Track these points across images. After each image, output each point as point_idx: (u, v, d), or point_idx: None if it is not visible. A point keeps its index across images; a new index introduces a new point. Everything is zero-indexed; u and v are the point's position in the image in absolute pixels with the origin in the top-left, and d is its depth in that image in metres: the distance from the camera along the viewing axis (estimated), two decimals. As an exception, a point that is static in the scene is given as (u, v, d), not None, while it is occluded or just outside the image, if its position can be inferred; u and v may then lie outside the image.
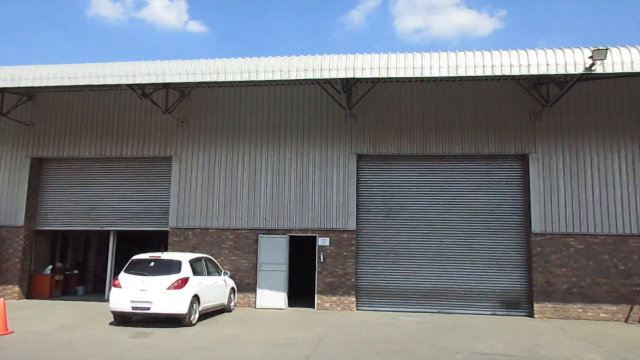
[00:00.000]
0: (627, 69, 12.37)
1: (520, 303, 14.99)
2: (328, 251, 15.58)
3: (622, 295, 14.35)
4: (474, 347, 10.15)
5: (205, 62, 14.13)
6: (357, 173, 15.98)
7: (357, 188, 15.86)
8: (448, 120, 15.74)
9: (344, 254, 15.50)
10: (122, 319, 12.14)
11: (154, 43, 54.21)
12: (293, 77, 13.66)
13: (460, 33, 53.26)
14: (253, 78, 13.82)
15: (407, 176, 15.98)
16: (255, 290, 15.68)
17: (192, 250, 15.65)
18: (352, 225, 15.59)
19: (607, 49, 12.08)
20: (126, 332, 10.94)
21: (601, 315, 14.33)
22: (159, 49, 53.18)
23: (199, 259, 13.33)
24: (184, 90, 16.44)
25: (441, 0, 53.48)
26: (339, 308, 15.30)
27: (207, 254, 14.87)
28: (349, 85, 15.11)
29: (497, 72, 12.91)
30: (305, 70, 13.49)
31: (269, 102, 16.56)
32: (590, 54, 12.22)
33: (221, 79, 13.97)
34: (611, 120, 15.07)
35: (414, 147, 15.74)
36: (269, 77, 13.68)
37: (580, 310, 14.41)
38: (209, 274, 13.46)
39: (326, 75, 13.44)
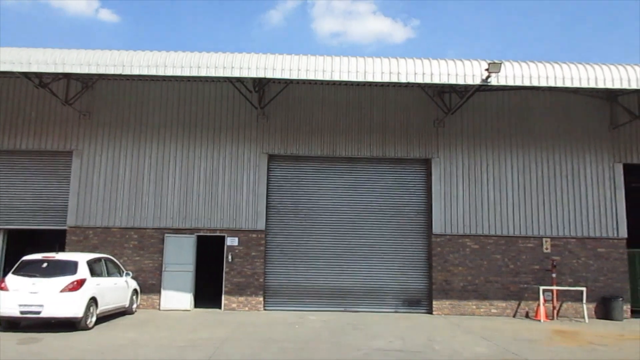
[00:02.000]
0: (519, 82, 13.37)
1: (421, 301, 15.71)
2: (237, 251, 15.45)
3: (511, 292, 15.47)
4: (374, 343, 10.51)
5: (110, 54, 13.50)
6: (268, 173, 15.99)
7: (267, 188, 15.86)
8: (357, 123, 16.16)
9: (253, 254, 15.44)
10: (10, 325, 11.29)
11: (62, 31, 50.96)
12: (203, 73, 13.41)
13: (377, 39, 54.87)
14: (161, 73, 13.40)
15: (317, 177, 16.22)
16: (159, 292, 15.20)
17: (92, 251, 14.87)
18: (261, 225, 15.56)
19: (501, 63, 12.98)
20: (14, 339, 10.19)
21: (493, 311, 15.36)
22: (67, 37, 50.07)
23: (98, 260, 12.70)
24: (87, 81, 15.61)
25: (358, 7, 54.85)
26: (247, 308, 15.22)
27: (109, 254, 14.20)
28: (261, 84, 15.09)
29: (403, 80, 13.45)
30: (216, 67, 13.30)
31: (179, 98, 16.13)
32: (486, 67, 13.06)
33: (127, 72, 13.41)
34: (504, 129, 16.19)
35: (324, 148, 16.01)
36: (178, 72, 13.33)
37: (474, 306, 15.36)
38: (109, 275, 12.87)
39: (237, 73, 13.34)
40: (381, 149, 16.06)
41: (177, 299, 15.19)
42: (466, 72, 13.22)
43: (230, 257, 15.39)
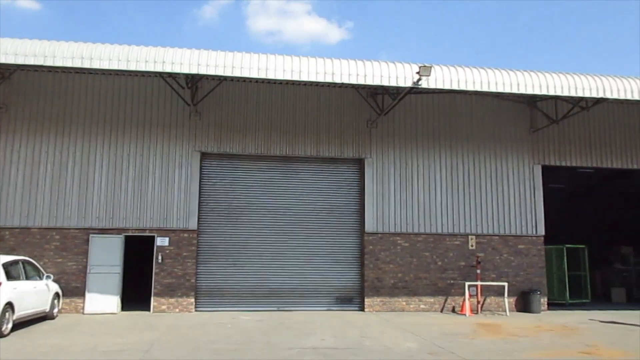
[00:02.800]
0: (447, 85, 13.87)
1: (353, 298, 15.96)
2: (167, 251, 15.02)
3: (439, 288, 16.05)
4: (307, 342, 10.55)
5: (31, 43, 12.71)
6: (201, 171, 15.67)
7: (200, 187, 15.54)
8: (292, 122, 16.17)
9: (184, 254, 15.07)
10: None
11: (-27, 16, 47.41)
12: (133, 67, 12.92)
13: (311, 40, 55.16)
14: (87, 65, 12.77)
15: (251, 176, 16.09)
16: (84, 295, 14.50)
17: (8, 253, 13.94)
18: (193, 224, 15.22)
19: (431, 67, 13.41)
20: None
21: (421, 306, 15.87)
22: (-21, 23, 46.64)
23: (15, 262, 11.91)
24: (3, 72, 14.61)
25: (293, 6, 54.87)
26: (177, 310, 14.84)
27: (27, 256, 13.37)
28: (194, 81, 14.75)
29: (338, 80, 13.60)
30: (147, 61, 12.85)
31: (106, 92, 15.47)
32: (418, 70, 13.45)
33: (49, 63, 12.68)
34: (434, 131, 16.75)
35: (259, 147, 15.89)
36: (105, 65, 12.76)
37: (404, 303, 15.80)
38: (27, 278, 12.10)
39: (169, 68, 12.95)
40: (315, 148, 16.15)
41: (103, 302, 14.56)
42: (398, 74, 13.56)
43: (160, 257, 14.94)
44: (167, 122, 15.56)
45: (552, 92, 14.17)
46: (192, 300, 14.97)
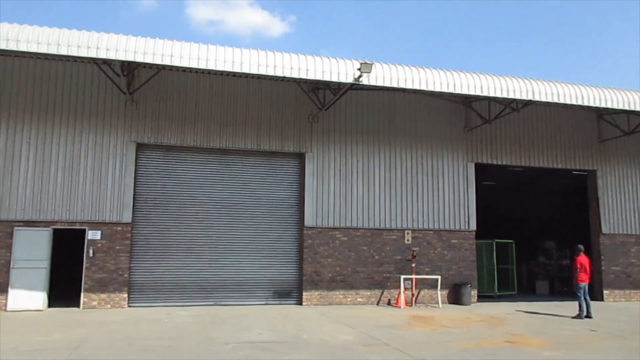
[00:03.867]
0: (388, 83, 14.12)
1: (291, 292, 16.00)
2: (99, 245, 14.45)
3: (375, 281, 16.37)
4: (244, 336, 10.48)
5: (-51, 21, 11.80)
6: (136, 163, 15.16)
7: (135, 178, 15.04)
8: (233, 115, 15.94)
9: (117, 248, 14.55)
10: None
11: None
12: (64, 52, 12.25)
13: (253, 32, 54.55)
14: (13, 47, 11.99)
15: (189, 168, 15.74)
16: (6, 291, 13.69)
17: None
18: (127, 217, 14.72)
19: (372, 64, 13.61)
20: None
21: (359, 300, 16.13)
22: None
23: None
24: None
25: (236, -3, 53.97)
26: (109, 306, 14.32)
27: (-57, 250, 12.47)
28: (130, 69, 14.23)
29: (280, 73, 13.51)
30: (79, 46, 12.24)
31: (34, 77, 14.63)
32: (359, 67, 13.60)
33: (-31, 44, 11.82)
34: (374, 127, 17.02)
35: (198, 139, 15.56)
36: (34, 48, 12.05)
37: (341, 296, 16.01)
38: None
39: (104, 55, 12.40)
40: (256, 141, 16.02)
41: (28, 298, 13.81)
42: (340, 70, 13.65)
43: (91, 251, 14.35)
44: (100, 110, 14.93)
45: (485, 93, 14.73)
46: (125, 295, 14.50)
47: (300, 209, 16.26)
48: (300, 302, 15.80)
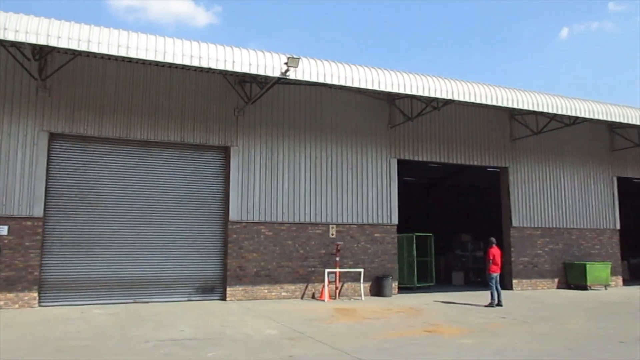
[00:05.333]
0: (315, 78, 14.19)
1: (215, 288, 15.75)
2: (6, 241, 13.48)
3: (300, 275, 16.49)
4: (165, 334, 10.21)
5: None
6: (49, 153, 14.27)
7: (47, 170, 14.16)
8: (155, 106, 15.40)
9: (27, 244, 13.65)
10: None
11: None
12: (-34, 32, 11.28)
13: (177, 21, 52.88)
14: None
15: (108, 160, 15.04)
16: None
17: None
18: (39, 211, 13.84)
19: (299, 59, 13.62)
20: None
21: (283, 294, 16.18)
22: None
23: None
24: None
25: (160, -17, 52.09)
26: (17, 306, 13.41)
27: None
28: (42, 53, 13.33)
29: (205, 65, 13.18)
30: (-17, 27, 11.30)
31: None
32: (286, 61, 13.57)
33: None
34: (300, 122, 17.09)
35: (117, 130, 14.89)
36: None
37: (266, 291, 15.98)
38: None
39: (12, 37, 11.49)
40: (179, 134, 15.58)
41: None
42: (267, 63, 13.55)
43: (-3, 248, 13.36)
44: (8, 97, 13.90)
45: (408, 91, 15.21)
46: (36, 294, 13.64)
47: (225, 203, 16.03)
48: (224, 298, 15.60)
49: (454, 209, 31.24)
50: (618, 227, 22.48)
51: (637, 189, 26.36)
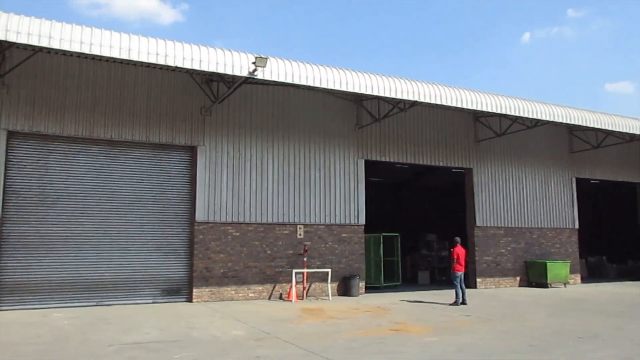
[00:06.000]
0: (283, 78, 14.14)
1: (181, 289, 15.54)
2: (-39, 243, 12.98)
3: (268, 276, 16.43)
4: (129, 337, 10.02)
5: None
6: (7, 152, 13.81)
7: (5, 170, 13.70)
8: (120, 105, 15.10)
9: (-17, 246, 13.18)
10: None
11: None
12: None
13: (142, 18, 51.95)
14: None
15: (70, 160, 14.65)
16: None
17: None
18: (-4, 212, 13.38)
19: (267, 58, 13.57)
20: None
21: (250, 295, 16.10)
22: None
23: None
24: None
25: (124, -21, 51.09)
26: (-27, 310, 12.94)
27: None
28: (1, 48, 12.89)
29: (171, 63, 12.97)
30: (-63, 20, 10.86)
31: None
32: (254, 60, 13.49)
33: None
34: (268, 122, 17.02)
35: (80, 128, 14.54)
36: None
37: (233, 292, 15.86)
38: None
39: (-33, 31, 11.11)
40: (145, 133, 15.31)
41: None
42: (234, 63, 13.45)
43: (-49, 250, 12.85)
44: (-36, 93, 13.39)
45: (376, 93, 15.33)
46: (-7, 298, 13.19)
47: (191, 204, 15.84)
48: (190, 300, 15.40)
49: (420, 209, 31.68)
50: (577, 226, 23.23)
51: (595, 190, 27.28)
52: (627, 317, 13.23)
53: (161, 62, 12.81)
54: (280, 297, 16.48)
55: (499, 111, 17.29)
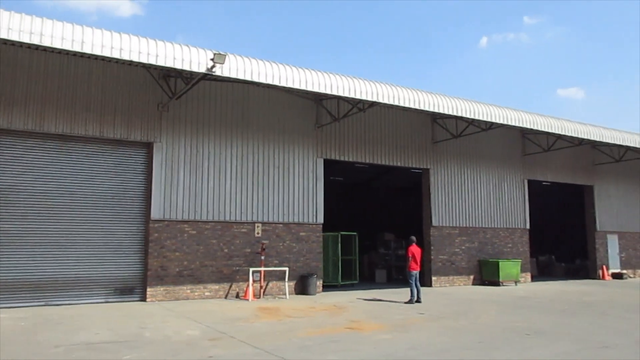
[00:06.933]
0: (242, 76, 14.01)
1: (135, 288, 15.21)
2: None
3: (224, 274, 16.29)
4: (78, 337, 9.74)
5: None
6: (-50, 145, 13.19)
7: (-53, 163, 13.08)
8: (72, 98, 14.63)
9: None
10: None
11: None
12: None
13: (99, 9, 50.50)
14: None
15: (17, 154, 14.10)
16: None
17: None
18: (-64, 208, 12.75)
19: (226, 55, 13.44)
20: None
21: (206, 294, 15.92)
22: None
23: None
24: None
25: (82, -32, 49.56)
26: None
27: None
28: (-57, 37, 12.27)
29: (126, 57, 12.66)
30: None
31: None
32: (212, 57, 13.33)
33: None
34: (227, 119, 16.84)
35: (29, 122, 14.01)
36: None
37: (189, 291, 15.65)
38: None
39: None
40: (99, 128, 14.90)
41: None
42: (192, 58, 13.24)
43: None
44: None
45: (335, 92, 15.40)
46: None
47: (147, 201, 15.52)
48: (144, 299, 15.10)
49: (379, 209, 32.07)
50: (528, 226, 24.01)
51: (545, 191, 28.26)
52: (570, 314, 13.80)
53: (116, 55, 12.51)
54: (237, 296, 16.36)
55: (455, 113, 17.67)
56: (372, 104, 16.82)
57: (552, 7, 75.72)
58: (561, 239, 31.70)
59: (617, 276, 26.57)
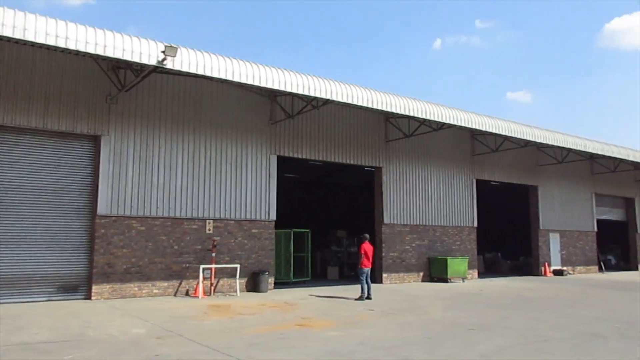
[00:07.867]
0: (194, 69, 13.74)
1: (79, 286, 14.70)
2: None
3: (174, 272, 15.98)
4: (15, 338, 9.33)
5: None
6: None
7: None
8: (13, 87, 13.96)
9: None
10: None
11: None
12: None
13: (48, -5, 48.43)
14: None
15: (-47, 145, 13.36)
16: None
17: None
18: None
19: (177, 48, 13.15)
20: None
21: (155, 291, 15.57)
22: None
23: None
24: None
25: (27, -48, 47.43)
26: None
27: None
28: None
29: (72, 46, 12.17)
30: None
31: None
32: (163, 49, 13.02)
33: None
34: (179, 113, 16.50)
35: (-35, 111, 13.29)
36: None
37: (136, 288, 15.26)
38: None
39: None
40: (42, 119, 14.29)
41: None
42: (142, 50, 12.89)
43: None
44: None
45: (289, 89, 15.37)
46: None
47: (93, 196, 15.01)
48: (89, 297, 14.61)
49: (332, 206, 32.24)
50: (475, 224, 24.72)
51: (492, 191, 29.17)
52: (513, 309, 14.33)
53: (61, 44, 12.01)
54: (187, 294, 16.09)
55: (407, 113, 17.97)
56: (327, 101, 16.89)
57: (502, 11, 78.22)
58: (507, 237, 32.84)
59: (558, 273, 27.78)
